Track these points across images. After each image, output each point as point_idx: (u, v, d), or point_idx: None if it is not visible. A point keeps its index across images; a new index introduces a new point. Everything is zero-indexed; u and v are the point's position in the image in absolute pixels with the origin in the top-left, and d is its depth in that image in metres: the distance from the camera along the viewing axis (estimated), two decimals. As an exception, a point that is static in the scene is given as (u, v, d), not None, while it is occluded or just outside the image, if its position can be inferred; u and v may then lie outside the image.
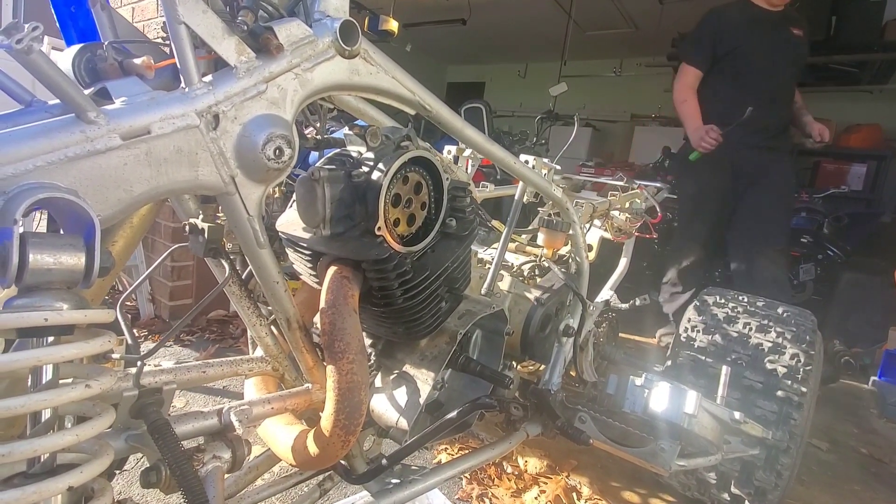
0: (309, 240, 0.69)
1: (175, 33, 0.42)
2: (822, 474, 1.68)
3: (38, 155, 0.36)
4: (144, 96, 0.42)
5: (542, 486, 1.41)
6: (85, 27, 0.55)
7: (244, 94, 0.47)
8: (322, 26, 0.53)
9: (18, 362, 0.31)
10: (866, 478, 1.71)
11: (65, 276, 0.34)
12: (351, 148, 0.73)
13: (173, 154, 0.43)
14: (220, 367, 0.69)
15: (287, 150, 0.50)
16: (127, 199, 0.41)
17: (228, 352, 2.03)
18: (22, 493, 0.30)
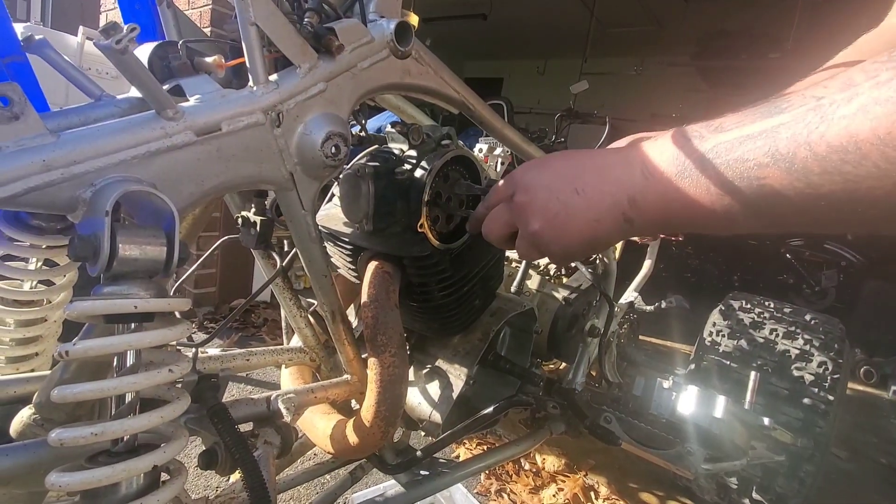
0: (350, 234, 0.71)
1: (246, 34, 0.43)
2: (841, 483, 1.67)
3: (122, 149, 0.38)
4: (216, 94, 0.43)
5: (560, 484, 1.43)
6: (148, 24, 0.57)
7: (306, 94, 0.48)
8: (378, 27, 0.54)
9: (113, 347, 0.33)
10: (885, 488, 1.69)
11: (148, 265, 0.36)
12: (392, 145, 0.74)
13: (241, 150, 0.45)
14: (262, 355, 0.71)
15: (343, 147, 0.51)
16: (198, 192, 0.43)
17: (251, 340, 2.07)
18: (112, 470, 0.32)
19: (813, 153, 0.30)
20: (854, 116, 0.29)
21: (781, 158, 0.32)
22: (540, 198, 0.50)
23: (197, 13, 2.30)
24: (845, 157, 0.29)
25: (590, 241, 0.49)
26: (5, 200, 0.33)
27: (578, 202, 0.48)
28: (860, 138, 0.28)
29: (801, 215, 0.33)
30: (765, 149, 0.33)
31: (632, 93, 7.15)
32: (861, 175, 0.28)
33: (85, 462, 0.34)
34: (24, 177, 0.33)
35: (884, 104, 0.27)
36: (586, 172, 0.48)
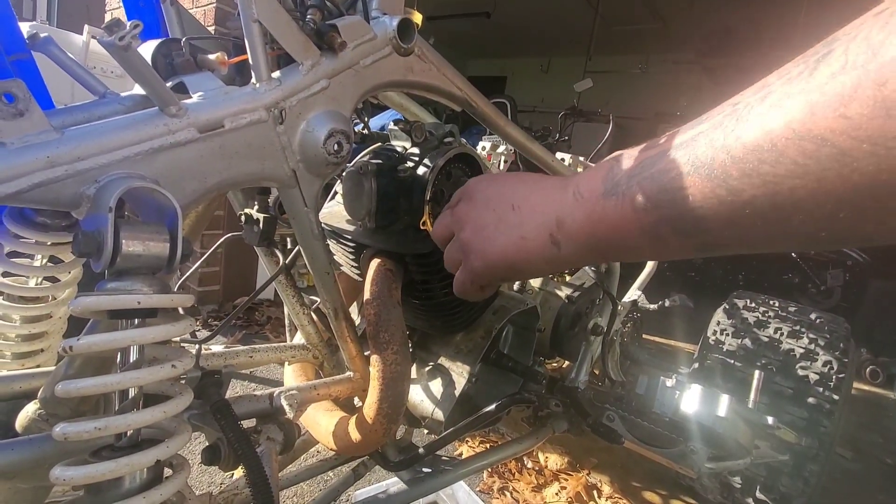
0: (353, 232, 0.71)
1: (249, 31, 0.43)
2: (845, 483, 1.66)
3: (126, 146, 0.38)
4: (219, 91, 0.43)
5: (563, 482, 1.43)
6: (152, 22, 0.57)
7: (309, 91, 0.48)
8: (380, 24, 0.54)
9: (116, 342, 0.33)
10: (891, 488, 1.68)
11: (151, 262, 0.36)
12: (395, 143, 0.74)
13: (244, 147, 0.45)
14: (266, 352, 0.71)
15: (346, 145, 0.51)
16: (201, 189, 0.43)
17: (254, 338, 2.08)
18: (116, 464, 0.32)
19: (731, 157, 0.29)
20: (767, 114, 0.28)
21: (701, 165, 0.31)
22: (478, 207, 0.50)
23: (201, 12, 2.31)
24: (762, 157, 0.28)
25: (513, 259, 0.48)
26: (10, 197, 0.33)
27: (511, 217, 0.47)
28: (775, 135, 0.27)
29: (727, 228, 0.31)
30: (685, 158, 0.32)
31: (636, 91, 7.12)
32: (780, 174, 0.27)
33: (89, 457, 0.35)
34: (29, 173, 0.34)
35: (795, 97, 0.27)
36: (527, 190, 0.48)
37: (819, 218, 0.27)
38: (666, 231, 0.34)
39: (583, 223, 0.40)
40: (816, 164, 0.25)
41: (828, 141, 0.25)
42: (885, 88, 0.22)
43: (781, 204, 0.28)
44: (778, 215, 0.28)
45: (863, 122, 0.23)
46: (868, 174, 0.24)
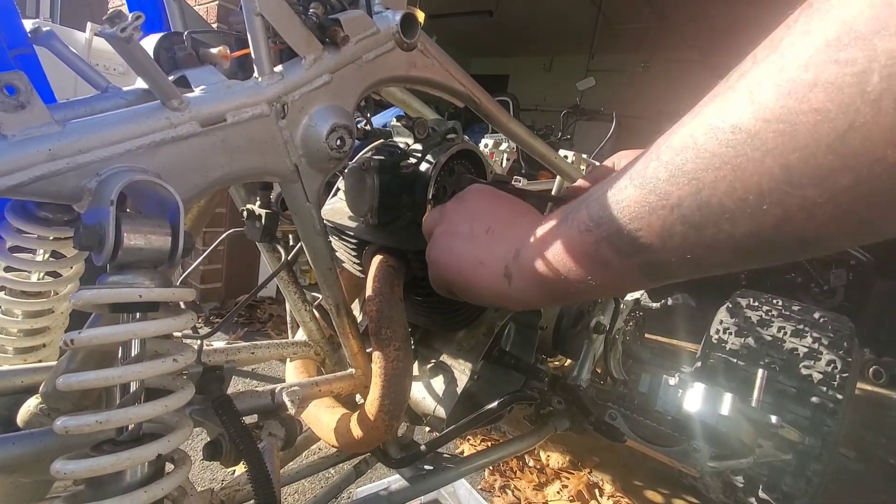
0: (355, 228, 0.71)
1: (251, 24, 0.43)
2: (848, 483, 1.65)
3: (127, 139, 0.38)
4: (221, 85, 0.43)
5: (565, 480, 1.42)
6: (154, 16, 0.57)
7: (311, 85, 0.48)
8: (383, 18, 0.54)
9: (118, 336, 0.33)
10: (893, 488, 1.67)
11: (153, 255, 0.36)
12: (397, 139, 0.74)
13: (245, 141, 0.45)
14: (267, 349, 0.71)
15: (348, 140, 0.51)
16: (203, 183, 0.43)
17: (256, 335, 2.08)
18: (117, 458, 0.32)
19: (660, 161, 0.30)
20: (691, 120, 0.29)
21: (637, 176, 0.31)
22: (461, 213, 0.50)
23: (203, 9, 2.31)
24: (686, 156, 0.28)
25: (464, 279, 0.47)
26: (11, 189, 0.33)
27: (481, 239, 0.47)
28: (696, 132, 0.28)
29: (661, 240, 0.30)
30: (626, 174, 0.33)
31: (639, 89, 7.11)
32: (701, 168, 0.27)
33: (90, 450, 0.34)
34: (30, 166, 0.33)
35: (713, 100, 0.27)
36: (509, 218, 0.47)
37: (744, 217, 0.26)
38: (607, 251, 0.34)
39: (534, 253, 0.39)
40: (731, 150, 0.25)
41: (738, 126, 0.25)
42: (784, 73, 0.24)
43: (706, 202, 0.27)
44: (704, 217, 0.27)
45: (767, 104, 0.24)
46: (779, 154, 0.23)
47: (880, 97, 0.20)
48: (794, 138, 0.23)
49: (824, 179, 0.22)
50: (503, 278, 0.42)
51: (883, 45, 0.20)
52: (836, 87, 0.21)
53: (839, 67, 0.21)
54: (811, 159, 0.22)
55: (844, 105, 0.21)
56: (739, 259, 0.28)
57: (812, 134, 0.22)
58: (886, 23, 0.20)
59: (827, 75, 0.22)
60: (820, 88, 0.22)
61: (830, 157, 0.22)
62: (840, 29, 0.22)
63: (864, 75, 0.20)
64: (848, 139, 0.21)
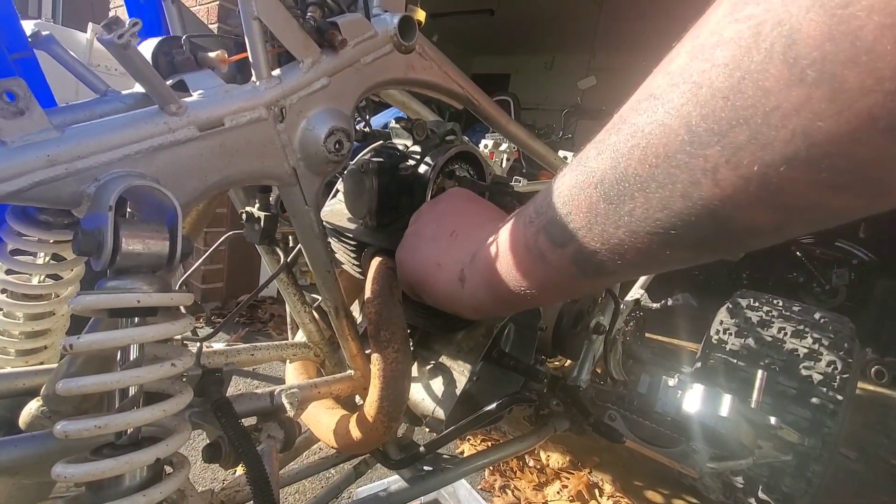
0: (354, 230, 0.71)
1: (249, 28, 0.43)
2: (849, 483, 1.65)
3: (126, 144, 0.38)
4: (219, 89, 0.43)
5: (565, 481, 1.43)
6: (153, 19, 0.57)
7: (309, 89, 0.48)
8: (381, 21, 0.54)
9: (116, 341, 0.33)
10: (895, 488, 1.67)
11: (152, 260, 0.36)
12: (396, 141, 0.74)
13: (244, 145, 0.45)
14: (267, 350, 0.71)
15: (346, 143, 0.51)
16: (201, 187, 0.43)
17: (257, 335, 2.09)
18: (116, 462, 0.32)
19: (593, 142, 0.31)
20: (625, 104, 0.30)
21: (577, 160, 0.32)
22: (432, 214, 0.51)
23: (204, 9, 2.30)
24: (611, 129, 0.29)
25: (422, 279, 0.47)
26: (11, 195, 0.33)
27: (443, 241, 0.47)
28: (623, 110, 0.29)
29: (587, 225, 0.30)
30: (570, 165, 0.33)
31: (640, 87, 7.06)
32: (622, 140, 0.28)
33: (89, 454, 0.35)
34: (29, 172, 0.34)
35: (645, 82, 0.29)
36: (476, 224, 0.47)
37: (656, 186, 0.26)
38: (543, 242, 0.34)
39: (486, 255, 0.39)
40: (645, 118, 0.26)
41: (652, 94, 0.26)
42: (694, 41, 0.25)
43: (623, 173, 0.28)
44: (622, 191, 0.28)
45: (678, 70, 0.25)
46: (684, 114, 0.24)
47: (772, 44, 0.20)
48: (696, 95, 0.24)
49: (723, 136, 0.23)
50: (458, 282, 0.43)
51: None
52: (734, 42, 0.22)
53: (738, 24, 0.22)
54: (710, 115, 0.23)
55: (739, 57, 0.22)
56: (659, 244, 0.28)
57: (710, 88, 0.23)
58: None
59: (728, 33, 0.22)
60: (722, 46, 0.23)
61: (728, 111, 0.22)
62: None
63: (759, 27, 0.21)
64: (742, 88, 0.22)
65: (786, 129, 0.21)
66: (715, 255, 0.29)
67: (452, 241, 0.46)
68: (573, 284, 0.34)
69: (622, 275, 0.32)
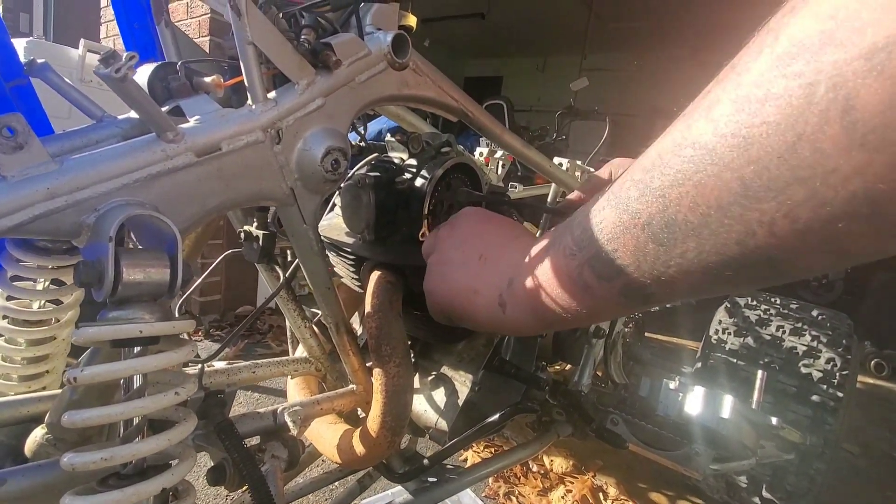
0: (352, 244, 0.71)
1: (244, 53, 0.44)
2: (853, 479, 1.66)
3: (124, 173, 0.38)
4: (215, 114, 0.44)
5: (569, 485, 1.43)
6: (147, 43, 0.58)
7: (305, 110, 0.49)
8: (375, 40, 0.54)
9: (119, 372, 0.33)
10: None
11: (152, 288, 0.36)
12: (392, 154, 0.75)
13: (241, 169, 0.45)
14: (268, 367, 0.71)
15: (343, 161, 0.51)
16: (200, 212, 0.43)
17: (257, 347, 2.08)
18: (122, 494, 0.33)
19: (632, 180, 0.31)
20: (659, 141, 0.30)
21: (613, 197, 0.32)
22: (454, 239, 0.51)
23: (196, 22, 2.31)
24: (654, 173, 0.29)
25: (460, 308, 0.47)
26: (12, 229, 0.34)
27: (474, 266, 0.46)
28: (662, 149, 0.29)
29: (636, 262, 0.30)
30: (606, 196, 0.33)
31: (632, 88, 7.12)
32: (666, 185, 0.28)
33: (96, 485, 0.35)
34: (29, 205, 0.34)
35: (681, 121, 0.29)
36: (502, 243, 0.47)
37: (709, 233, 0.26)
38: (588, 276, 0.34)
39: (526, 281, 0.39)
40: (692, 166, 0.26)
41: (698, 142, 0.26)
42: (739, 90, 0.24)
43: (673, 219, 0.27)
44: (672, 235, 0.28)
45: (723, 119, 0.25)
46: (735, 168, 0.24)
47: (827, 108, 0.20)
48: (747, 151, 0.23)
49: (780, 192, 0.23)
50: (498, 307, 0.42)
51: (829, 56, 0.20)
52: (785, 100, 0.22)
53: (787, 80, 0.22)
54: (764, 172, 0.23)
55: (793, 117, 0.21)
56: (712, 281, 0.28)
57: (764, 146, 0.23)
58: (832, 36, 0.20)
59: (776, 89, 0.22)
60: (770, 102, 0.22)
61: (783, 169, 0.22)
62: (789, 44, 0.22)
63: (812, 87, 0.21)
64: (798, 150, 0.21)
65: (846, 189, 0.21)
66: (766, 286, 0.30)
67: (483, 265, 0.46)
68: (620, 311, 0.35)
69: (670, 301, 0.33)
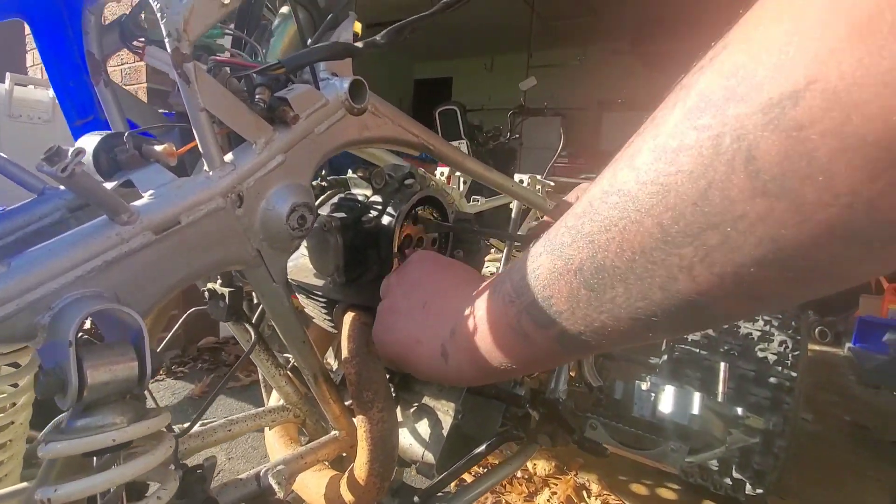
0: (323, 287, 0.69)
1: (196, 120, 0.42)
2: (810, 446, 1.77)
3: (77, 265, 0.35)
4: (171, 186, 0.41)
5: (553, 487, 1.45)
6: (84, 100, 0.54)
7: (265, 169, 0.47)
8: (331, 88, 0.53)
9: (97, 487, 0.31)
10: (852, 445, 1.81)
11: (121, 386, 0.34)
12: (356, 191, 0.73)
13: (203, 239, 0.43)
14: (245, 422, 0.69)
15: (309, 216, 0.50)
16: (163, 290, 0.41)
17: (225, 380, 2.00)
18: None
19: (566, 226, 0.31)
20: (591, 187, 0.31)
21: (549, 243, 0.33)
22: (401, 287, 0.51)
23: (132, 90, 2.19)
24: (584, 219, 0.30)
25: (404, 358, 0.48)
26: (-46, 344, 0.31)
27: (417, 315, 0.47)
28: (593, 197, 0.30)
29: (570, 309, 0.31)
30: (542, 241, 0.34)
31: (577, 82, 7.31)
32: (595, 231, 0.28)
33: None
34: (-26, 316, 0.31)
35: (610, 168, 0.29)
36: (444, 290, 0.47)
37: (635, 278, 0.27)
38: (527, 323, 0.34)
39: (467, 330, 0.39)
40: (618, 212, 0.27)
41: (622, 190, 0.27)
42: (656, 140, 0.26)
43: (602, 264, 0.28)
44: (601, 280, 0.29)
45: (643, 168, 0.26)
46: (655, 214, 0.25)
47: (733, 157, 0.22)
48: (665, 198, 0.24)
49: (695, 237, 0.24)
50: (440, 357, 0.42)
51: (732, 110, 0.22)
52: (696, 150, 0.23)
53: (698, 132, 0.23)
54: (681, 218, 0.24)
55: (703, 166, 0.23)
56: (642, 328, 0.29)
57: (679, 193, 0.24)
58: (734, 91, 0.22)
59: (688, 140, 0.24)
60: (684, 152, 0.24)
61: (697, 215, 0.23)
62: (698, 98, 0.24)
63: (718, 138, 0.22)
64: (709, 196, 0.23)
65: (753, 234, 0.22)
66: (695, 332, 0.31)
67: (426, 313, 0.46)
68: (557, 360, 0.35)
69: (605, 349, 0.34)
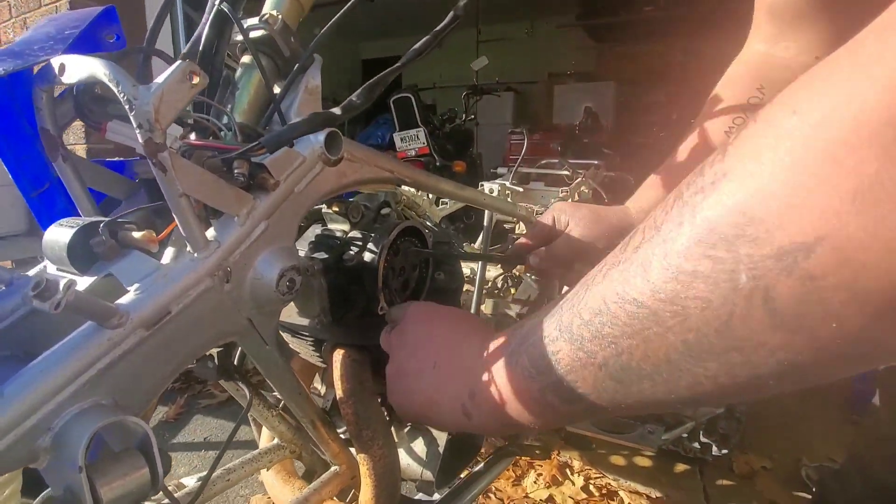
0: (309, 327, 0.69)
1: (176, 206, 0.40)
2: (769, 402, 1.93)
3: (71, 381, 0.34)
4: (156, 276, 0.40)
5: (538, 469, 1.53)
6: (40, 172, 0.51)
7: (249, 239, 0.46)
8: (306, 143, 0.52)
9: None
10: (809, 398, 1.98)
11: (136, 497, 0.34)
12: (333, 226, 0.73)
13: (195, 322, 0.42)
14: (242, 468, 0.69)
15: (298, 278, 0.50)
16: (160, 381, 0.40)
17: (199, 399, 1.96)
18: None
19: (582, 320, 0.31)
20: (601, 283, 0.31)
21: (565, 329, 0.33)
22: (406, 348, 0.52)
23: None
24: (603, 319, 0.30)
25: (427, 417, 0.49)
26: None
27: (429, 376, 0.47)
28: (608, 298, 0.29)
29: (597, 392, 0.32)
30: (554, 323, 0.34)
31: (527, 56, 7.30)
32: (617, 335, 0.29)
33: None
34: (-27, 457, 0.30)
35: (616, 268, 0.30)
36: (451, 347, 0.48)
37: (662, 381, 0.28)
38: (552, 398, 0.35)
39: (488, 396, 0.41)
40: (639, 323, 0.27)
41: (640, 301, 0.27)
42: (668, 259, 0.26)
43: (627, 364, 0.29)
44: (628, 376, 0.29)
45: (659, 284, 0.26)
46: (679, 332, 0.26)
47: (751, 294, 0.22)
48: (687, 320, 0.25)
49: (720, 356, 0.25)
50: (463, 416, 0.44)
51: (744, 250, 0.22)
52: (713, 281, 0.23)
53: (713, 263, 0.23)
54: (705, 340, 0.25)
55: (722, 297, 0.23)
56: (668, 408, 0.33)
57: (701, 319, 0.24)
58: (744, 230, 0.22)
59: (703, 268, 0.24)
60: (700, 280, 0.24)
61: (721, 340, 0.24)
62: (707, 228, 0.24)
63: (734, 273, 0.23)
64: (732, 326, 0.24)
65: (774, 358, 0.24)
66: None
67: (439, 374, 0.47)
68: (585, 421, 0.38)
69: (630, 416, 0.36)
